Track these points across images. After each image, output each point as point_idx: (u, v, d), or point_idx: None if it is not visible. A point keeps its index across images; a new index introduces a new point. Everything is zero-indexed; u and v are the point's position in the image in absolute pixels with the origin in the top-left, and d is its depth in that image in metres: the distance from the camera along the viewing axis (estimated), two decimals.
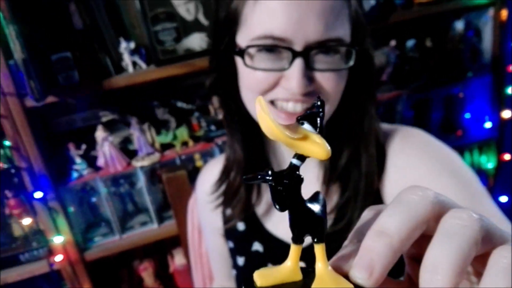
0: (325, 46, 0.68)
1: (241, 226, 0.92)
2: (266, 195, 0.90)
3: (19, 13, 1.18)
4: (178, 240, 1.56)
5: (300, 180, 0.31)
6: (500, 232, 0.29)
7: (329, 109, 0.74)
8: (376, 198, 0.79)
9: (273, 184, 0.30)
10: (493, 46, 1.86)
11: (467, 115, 1.94)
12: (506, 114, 1.85)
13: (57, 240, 1.38)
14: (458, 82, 1.86)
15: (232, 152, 0.89)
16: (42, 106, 1.25)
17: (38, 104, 1.20)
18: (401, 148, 0.79)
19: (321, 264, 0.31)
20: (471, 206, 0.68)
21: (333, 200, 0.81)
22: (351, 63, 0.70)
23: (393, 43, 1.78)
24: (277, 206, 0.31)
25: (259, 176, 0.31)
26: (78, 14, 1.31)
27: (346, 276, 0.30)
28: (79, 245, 1.46)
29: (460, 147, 1.87)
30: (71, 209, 1.46)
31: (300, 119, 0.31)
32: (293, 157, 0.31)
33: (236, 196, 0.89)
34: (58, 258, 1.40)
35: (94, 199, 1.54)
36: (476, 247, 0.27)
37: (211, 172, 0.98)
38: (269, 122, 0.29)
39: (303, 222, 0.31)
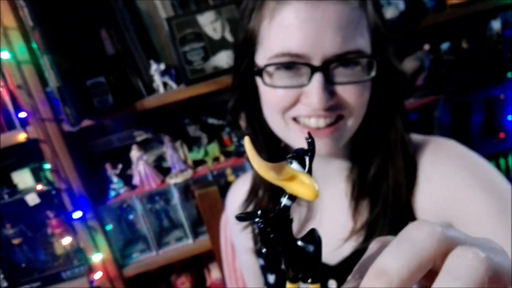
0: (344, 59, 0.67)
1: None
2: (297, 212, 0.90)
3: (53, 42, 1.23)
4: (211, 257, 1.58)
5: (289, 221, 0.31)
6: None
7: (354, 123, 0.73)
8: (407, 212, 0.77)
9: (261, 226, 0.30)
10: None
11: (510, 117, 1.86)
12: None
13: (96, 257, 1.43)
14: (498, 83, 1.79)
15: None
16: (79, 129, 1.30)
17: (74, 129, 1.25)
18: (433, 160, 0.77)
19: None
20: (505, 222, 0.66)
21: (363, 215, 0.80)
22: (373, 74, 0.69)
23: (426, 47, 1.73)
24: (264, 249, 0.30)
25: (249, 216, 0.31)
26: (109, 39, 1.35)
27: None
28: (118, 261, 1.50)
29: (504, 151, 1.79)
30: (110, 226, 1.50)
31: (289, 158, 0.31)
32: (283, 196, 0.31)
33: None
34: (98, 275, 1.44)
35: (131, 217, 1.58)
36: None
37: (238, 191, 0.99)
38: (254, 162, 0.29)
39: (296, 262, 0.31)
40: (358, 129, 0.76)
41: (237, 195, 0.99)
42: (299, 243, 0.31)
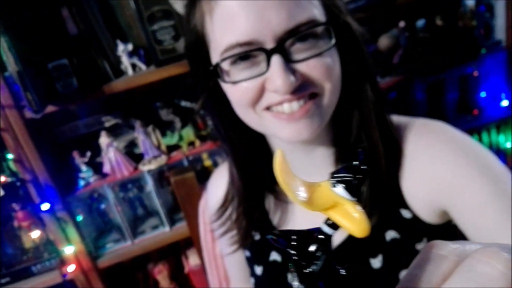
0: (297, 32, 0.62)
1: (257, 235, 0.89)
2: (281, 204, 0.86)
3: (10, 23, 1.14)
4: (189, 244, 1.53)
5: (331, 254, 0.25)
6: None
7: (331, 98, 0.68)
8: (396, 193, 0.74)
9: (298, 263, 0.25)
10: (507, 21, 1.77)
11: (483, 94, 1.87)
12: None
13: (68, 250, 1.37)
14: (472, 60, 1.78)
15: (231, 178, 0.86)
16: (42, 116, 1.22)
17: (37, 115, 1.17)
18: (422, 142, 0.74)
19: None
20: (505, 205, 0.63)
21: None
22: (333, 42, 0.65)
23: (402, 24, 1.71)
24: (298, 284, 0.25)
25: (281, 243, 0.26)
26: (71, 19, 1.27)
27: None
28: (91, 253, 1.44)
29: (477, 127, 1.80)
30: (80, 217, 1.43)
31: (334, 178, 0.25)
32: (324, 222, 0.25)
33: (236, 226, 0.87)
34: (71, 268, 1.38)
35: (103, 206, 1.52)
36: None
37: (219, 182, 0.95)
38: (285, 185, 0.24)
39: None
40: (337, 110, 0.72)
41: (218, 188, 0.95)
42: (341, 272, 0.25)
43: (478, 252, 0.24)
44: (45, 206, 1.29)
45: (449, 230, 0.75)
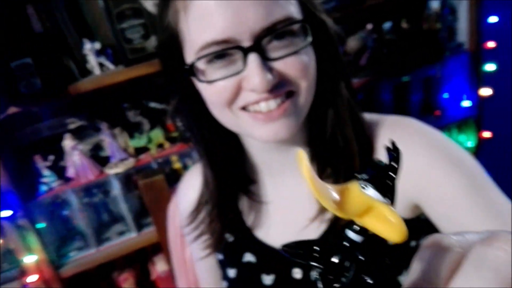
0: (274, 30, 0.61)
1: (230, 238, 0.87)
2: (256, 204, 0.85)
3: None
4: (158, 247, 1.49)
5: (361, 264, 0.23)
6: None
7: (306, 96, 0.67)
8: None
9: (326, 276, 0.22)
10: (469, 24, 1.82)
11: (446, 95, 1.92)
12: (485, 91, 1.83)
13: (30, 259, 1.29)
14: (436, 62, 1.83)
15: (205, 180, 0.83)
16: (4, 117, 1.15)
17: None
18: (395, 136, 0.72)
19: None
20: (478, 199, 0.64)
21: None
22: (309, 39, 0.64)
23: (369, 26, 1.72)
24: None
25: (302, 258, 0.23)
26: (37, 17, 1.19)
27: None
28: (54, 262, 1.37)
29: (440, 128, 1.84)
30: (42, 224, 1.36)
31: (363, 179, 0.22)
32: (349, 228, 0.23)
33: (209, 229, 0.84)
34: (32, 278, 1.31)
35: (66, 212, 1.45)
36: None
37: (192, 185, 0.92)
38: (316, 190, 0.21)
39: None
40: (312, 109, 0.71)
41: (190, 190, 0.92)
42: (368, 281, 0.23)
43: (486, 239, 0.24)
44: (6, 213, 1.22)
45: (419, 225, 0.75)
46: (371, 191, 0.22)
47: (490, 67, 1.85)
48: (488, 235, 0.24)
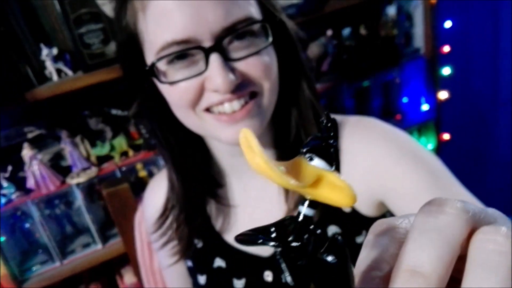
0: (234, 30, 0.62)
1: (199, 243, 0.85)
2: (223, 208, 0.84)
3: None
4: (125, 259, 1.45)
5: (319, 238, 0.23)
6: None
7: (270, 97, 0.68)
8: None
9: (283, 253, 0.22)
10: (425, 29, 1.89)
11: (405, 99, 1.97)
12: (442, 95, 1.89)
13: None
14: (393, 67, 1.88)
15: (171, 184, 0.83)
16: None
17: None
18: (357, 136, 0.75)
19: None
20: (439, 192, 0.65)
21: (296, 196, 0.76)
22: (270, 39, 0.65)
23: (329, 32, 1.76)
24: (289, 279, 0.22)
25: (258, 240, 0.23)
26: None
27: None
28: (16, 277, 1.31)
29: None
30: (2, 238, 1.30)
31: (306, 152, 0.22)
32: (301, 204, 0.23)
33: (177, 235, 0.83)
34: None
35: (27, 225, 1.39)
36: None
37: (157, 192, 0.91)
38: (270, 171, 0.21)
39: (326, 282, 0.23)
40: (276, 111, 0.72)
41: (156, 196, 0.91)
42: (329, 258, 0.23)
43: (423, 207, 0.24)
44: None
45: None
46: (318, 162, 0.22)
47: (446, 71, 1.92)
48: (424, 204, 0.25)
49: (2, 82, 1.18)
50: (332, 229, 0.75)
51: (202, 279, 0.86)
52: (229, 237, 0.83)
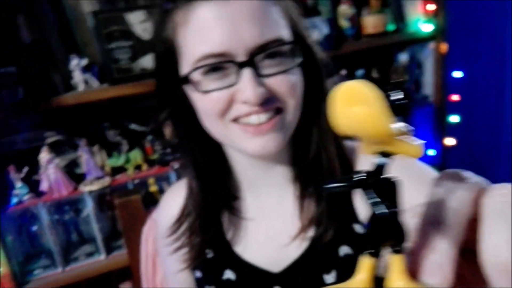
0: (266, 48, 0.66)
1: (210, 253, 0.87)
2: (235, 219, 0.86)
3: None
4: (126, 274, 1.45)
5: (394, 185, 0.27)
6: None
7: (293, 114, 0.71)
8: (348, 209, 0.77)
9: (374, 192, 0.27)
10: (434, 78, 1.96)
11: None
12: (449, 141, 1.94)
13: None
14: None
15: (189, 191, 0.84)
16: None
17: None
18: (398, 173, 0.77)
19: (402, 278, 0.27)
20: None
21: (310, 212, 0.78)
22: (299, 60, 0.69)
23: (343, 72, 1.83)
24: (380, 212, 0.27)
25: (346, 184, 0.27)
26: (26, 27, 1.22)
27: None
28: (17, 278, 1.31)
29: None
30: (9, 238, 1.31)
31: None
32: (377, 156, 0.27)
33: (190, 242, 0.84)
34: None
35: (34, 228, 1.40)
36: None
37: (173, 201, 0.92)
38: (372, 113, 0.24)
39: (387, 230, 0.27)
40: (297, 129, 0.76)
41: (173, 203, 0.92)
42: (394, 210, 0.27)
43: (489, 192, 0.28)
44: None
45: None
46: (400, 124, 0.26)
47: (454, 118, 1.98)
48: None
49: (30, 86, 1.24)
50: (344, 250, 0.76)
51: None
52: (239, 248, 0.84)
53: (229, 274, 0.84)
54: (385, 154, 0.27)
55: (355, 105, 0.24)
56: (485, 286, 0.27)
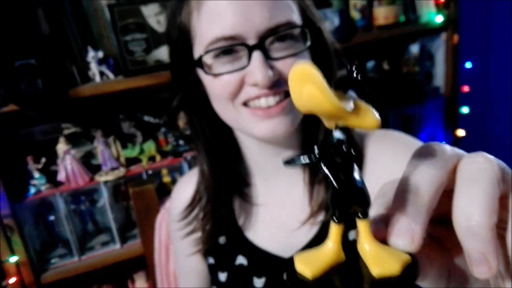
0: (277, 32, 0.67)
1: (222, 239, 0.88)
2: (246, 206, 0.87)
3: None
4: (140, 264, 1.48)
5: (351, 156, 0.28)
6: None
7: None
8: None
9: (325, 164, 0.28)
10: (446, 69, 1.96)
11: (422, 135, 2.01)
12: (460, 132, 1.94)
13: (11, 260, 1.27)
14: (413, 103, 1.93)
15: (201, 176, 0.86)
16: (1, 114, 1.17)
17: None
18: (384, 146, 0.78)
19: (368, 240, 0.29)
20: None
21: (320, 198, 0.79)
22: (308, 43, 0.70)
23: (354, 63, 1.83)
24: (335, 183, 0.28)
25: (303, 160, 0.30)
26: (45, 19, 1.24)
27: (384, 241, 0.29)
28: (34, 266, 1.34)
29: None
30: (27, 227, 1.34)
31: (340, 87, 0.27)
32: (334, 131, 0.28)
33: (202, 225, 0.86)
34: (12, 280, 1.28)
35: (52, 217, 1.43)
36: (499, 187, 0.28)
37: (185, 189, 0.94)
38: (324, 92, 0.25)
39: (351, 197, 0.29)
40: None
41: (186, 189, 0.94)
42: (354, 176, 0.28)
43: (465, 159, 0.30)
44: None
45: None
46: (352, 93, 0.28)
47: (464, 109, 1.98)
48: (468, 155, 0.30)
49: (49, 78, 1.26)
50: (353, 234, 0.78)
51: (223, 276, 0.88)
52: (250, 234, 0.85)
53: (241, 260, 0.85)
54: (344, 129, 0.28)
55: (304, 85, 0.26)
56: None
